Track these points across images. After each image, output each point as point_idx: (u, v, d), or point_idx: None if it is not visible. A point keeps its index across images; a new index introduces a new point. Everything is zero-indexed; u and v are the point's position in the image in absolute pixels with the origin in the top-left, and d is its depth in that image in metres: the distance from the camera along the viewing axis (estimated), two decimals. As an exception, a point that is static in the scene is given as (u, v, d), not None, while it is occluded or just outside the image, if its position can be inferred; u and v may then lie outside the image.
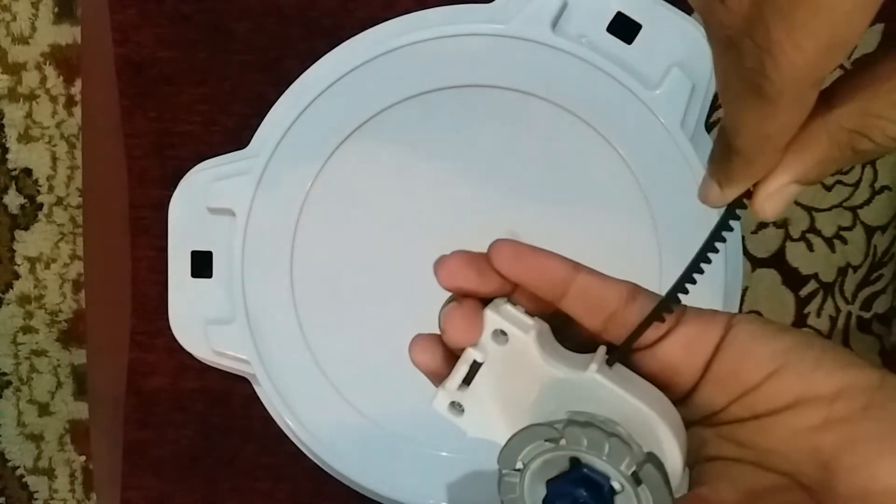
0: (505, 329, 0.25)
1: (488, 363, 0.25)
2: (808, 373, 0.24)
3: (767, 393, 0.24)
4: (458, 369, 0.25)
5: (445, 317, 0.25)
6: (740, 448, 0.25)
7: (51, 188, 0.58)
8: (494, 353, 0.25)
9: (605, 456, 0.23)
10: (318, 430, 0.45)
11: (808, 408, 0.24)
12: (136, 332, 0.49)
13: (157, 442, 0.49)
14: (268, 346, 0.45)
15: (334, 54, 0.46)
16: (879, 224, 0.51)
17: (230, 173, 0.46)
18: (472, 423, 0.26)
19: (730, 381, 0.25)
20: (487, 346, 0.25)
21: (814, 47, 0.18)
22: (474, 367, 0.25)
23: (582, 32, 0.44)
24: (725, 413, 0.25)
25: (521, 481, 0.25)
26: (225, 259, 0.46)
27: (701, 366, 0.25)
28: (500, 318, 0.25)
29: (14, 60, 0.57)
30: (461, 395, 0.26)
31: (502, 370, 0.25)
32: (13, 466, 0.61)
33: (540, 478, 0.25)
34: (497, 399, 0.25)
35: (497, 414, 0.26)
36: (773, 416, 0.24)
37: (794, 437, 0.24)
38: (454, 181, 0.45)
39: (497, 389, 0.25)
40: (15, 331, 0.59)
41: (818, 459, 0.24)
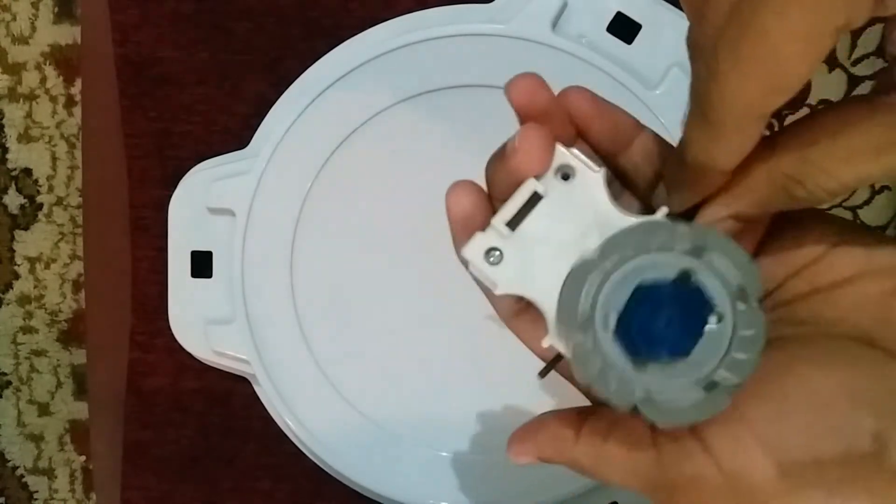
0: (574, 166, 0.23)
1: (549, 199, 0.23)
2: (871, 248, 0.24)
3: (829, 265, 0.24)
4: (516, 198, 0.23)
5: (519, 139, 0.23)
6: (802, 325, 0.24)
7: (51, 188, 0.58)
8: (557, 190, 0.23)
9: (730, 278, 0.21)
10: (318, 430, 0.45)
11: (872, 279, 0.23)
12: (136, 332, 0.49)
13: (157, 442, 0.49)
14: (268, 346, 0.45)
15: (334, 54, 0.46)
16: (879, 224, 0.51)
17: (230, 173, 0.46)
18: (509, 273, 0.23)
19: (791, 252, 0.24)
20: (550, 181, 0.23)
21: (754, 86, 0.19)
22: (530, 203, 0.23)
23: (582, 32, 0.44)
24: (783, 290, 0.25)
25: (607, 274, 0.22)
26: (225, 259, 0.46)
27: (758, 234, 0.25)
28: (569, 155, 0.23)
29: (14, 60, 0.57)
30: (504, 238, 0.23)
31: (561, 211, 0.23)
32: (13, 466, 0.61)
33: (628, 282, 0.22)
34: (547, 244, 0.23)
35: (542, 263, 0.23)
36: (836, 289, 0.24)
37: (862, 304, 0.23)
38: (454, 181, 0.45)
39: (550, 232, 0.23)
40: (15, 331, 0.59)
41: (890, 322, 0.23)
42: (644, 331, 0.21)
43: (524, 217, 0.23)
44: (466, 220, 0.24)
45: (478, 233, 0.23)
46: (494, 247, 0.23)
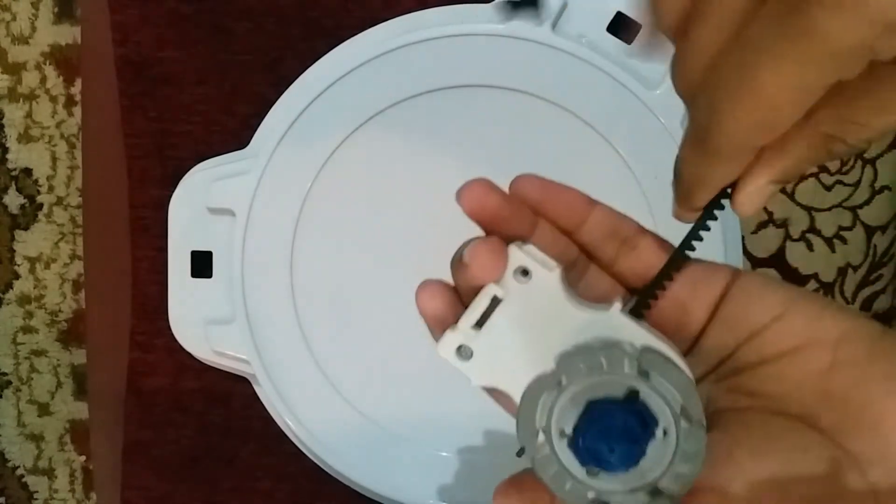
0: (529, 266, 0.24)
1: (508, 301, 0.24)
2: (814, 318, 0.25)
3: (775, 335, 0.25)
4: (477, 304, 0.25)
5: (471, 251, 0.25)
6: (750, 398, 0.25)
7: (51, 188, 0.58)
8: (516, 291, 0.24)
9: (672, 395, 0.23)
10: (318, 430, 0.45)
11: (815, 351, 0.24)
12: (136, 332, 0.49)
13: (157, 442, 0.49)
14: (268, 346, 0.45)
15: (334, 54, 0.46)
16: (879, 224, 0.51)
17: (230, 173, 0.46)
18: (480, 369, 0.25)
19: (738, 323, 0.26)
20: (509, 283, 0.24)
21: (749, 126, 0.21)
22: (492, 305, 0.24)
23: (582, 32, 0.44)
24: (734, 360, 0.26)
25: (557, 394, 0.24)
26: (225, 259, 0.46)
27: (709, 305, 0.26)
28: (524, 255, 0.24)
29: (14, 60, 0.57)
30: (472, 337, 0.25)
31: (521, 310, 0.24)
32: (13, 466, 0.61)
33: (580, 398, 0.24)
34: (511, 341, 0.24)
35: (509, 358, 0.25)
36: (781, 361, 0.25)
37: (804, 380, 0.25)
38: (454, 181, 0.45)
39: (513, 330, 0.24)
40: (15, 331, 0.59)
41: (829, 401, 0.24)
42: (594, 446, 0.23)
43: (488, 316, 0.25)
44: (437, 319, 0.26)
45: (448, 332, 0.25)
46: (464, 344, 0.25)
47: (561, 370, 0.23)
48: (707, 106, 0.21)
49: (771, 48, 0.19)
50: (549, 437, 0.24)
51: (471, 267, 0.25)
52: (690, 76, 0.22)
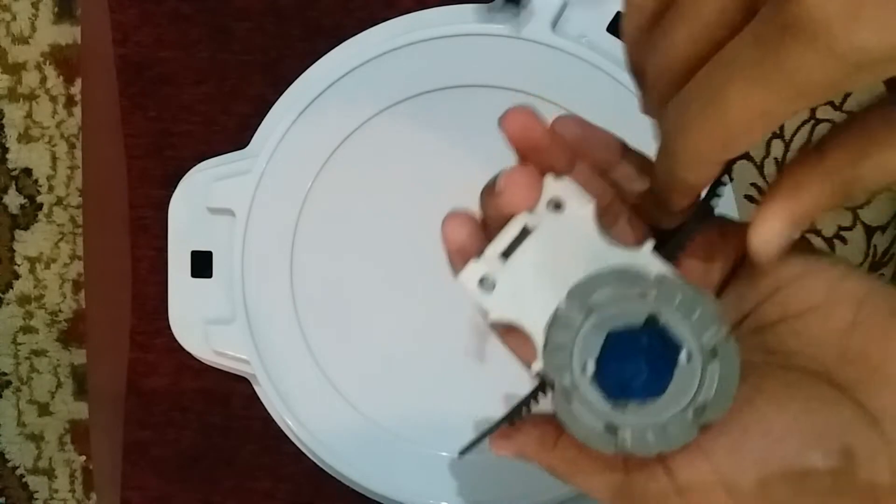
0: (563, 198, 0.24)
1: (538, 232, 0.24)
2: (838, 277, 0.25)
3: (798, 293, 0.25)
4: (507, 231, 0.24)
5: (506, 177, 0.24)
6: (769, 354, 0.26)
7: (51, 188, 0.58)
8: (547, 223, 0.24)
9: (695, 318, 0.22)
10: (318, 430, 0.45)
11: (837, 309, 0.24)
12: (136, 332, 0.49)
13: (157, 442, 0.49)
14: (268, 346, 0.45)
15: (334, 54, 0.46)
16: (879, 224, 0.51)
17: (230, 173, 0.46)
18: (500, 301, 0.24)
19: (762, 278, 0.25)
20: (541, 214, 0.24)
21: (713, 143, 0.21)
22: (521, 235, 0.24)
23: (582, 32, 0.44)
24: (754, 317, 0.26)
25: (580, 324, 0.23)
26: (225, 259, 0.46)
27: (733, 259, 0.26)
28: (559, 186, 0.24)
29: (14, 60, 0.57)
30: (497, 268, 0.24)
31: (551, 243, 0.24)
32: (13, 466, 0.61)
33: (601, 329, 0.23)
34: (537, 274, 0.24)
35: (532, 292, 0.24)
36: (802, 318, 0.25)
37: (824, 337, 0.25)
38: (454, 181, 0.45)
39: (540, 263, 0.24)
40: (15, 331, 0.59)
41: (849, 358, 0.24)
42: (618, 378, 0.23)
43: (516, 248, 0.24)
44: (462, 249, 0.25)
45: (472, 261, 0.24)
46: (487, 275, 0.24)
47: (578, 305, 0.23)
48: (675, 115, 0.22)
49: (742, 71, 0.19)
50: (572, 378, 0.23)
51: (504, 193, 0.24)
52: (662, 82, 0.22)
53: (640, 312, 0.23)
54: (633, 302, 0.23)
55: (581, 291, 0.23)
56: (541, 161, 0.25)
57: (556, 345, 0.23)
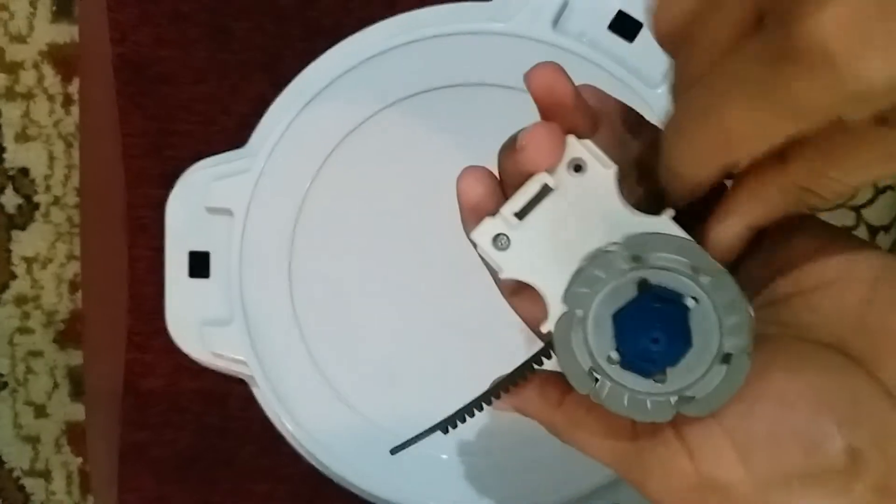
0: (585, 160, 0.24)
1: (558, 193, 0.24)
2: (855, 254, 0.25)
3: (814, 267, 0.25)
4: (526, 190, 0.24)
5: (529, 133, 0.24)
6: (783, 327, 0.25)
7: (48, 188, 0.57)
8: (567, 184, 0.23)
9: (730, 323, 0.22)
10: (317, 432, 0.45)
11: (854, 283, 0.25)
12: (133, 333, 0.49)
13: (155, 443, 0.49)
14: (265, 347, 0.45)
15: (333, 53, 0.45)
16: (882, 224, 0.51)
17: (228, 173, 0.45)
18: (514, 260, 0.24)
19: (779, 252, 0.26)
20: (562, 175, 0.24)
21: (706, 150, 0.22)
22: (540, 195, 0.24)
23: (583, 30, 0.44)
24: (770, 290, 0.26)
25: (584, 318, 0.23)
26: (223, 259, 0.46)
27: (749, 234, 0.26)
28: (582, 148, 0.24)
29: (11, 59, 0.56)
30: (513, 226, 0.24)
31: (570, 204, 0.23)
32: (9, 468, 0.61)
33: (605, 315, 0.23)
34: (553, 236, 0.24)
35: (547, 254, 0.24)
36: (817, 292, 0.25)
37: (840, 310, 0.25)
38: (453, 180, 0.45)
39: (557, 225, 0.24)
40: (11, 332, 0.59)
41: (864, 331, 0.24)
42: (643, 355, 0.22)
43: (533, 207, 0.24)
44: (477, 206, 0.25)
45: (487, 218, 0.24)
46: (502, 233, 0.24)
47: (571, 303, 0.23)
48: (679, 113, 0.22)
49: (742, 87, 0.20)
50: (604, 372, 0.23)
51: (526, 149, 0.24)
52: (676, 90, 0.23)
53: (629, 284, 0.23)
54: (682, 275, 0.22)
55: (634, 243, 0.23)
56: (564, 121, 0.25)
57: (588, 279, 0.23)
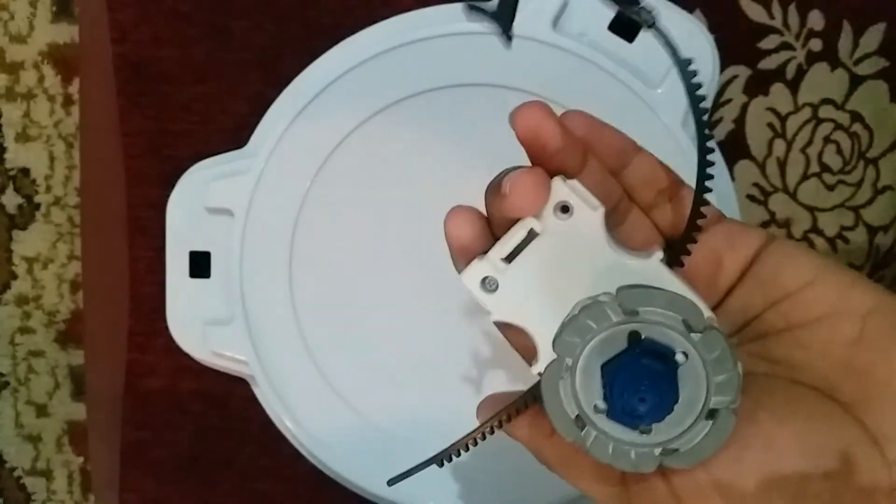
0: (571, 202, 0.23)
1: (545, 237, 0.23)
2: (845, 288, 0.24)
3: (804, 302, 0.25)
4: (512, 236, 0.24)
5: (514, 179, 0.23)
6: (773, 365, 0.25)
7: (48, 188, 0.57)
8: (554, 228, 0.23)
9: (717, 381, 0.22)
10: (317, 432, 0.45)
11: (843, 320, 0.24)
12: (133, 333, 0.49)
13: (156, 443, 0.49)
14: (266, 347, 0.45)
15: (333, 53, 0.45)
16: (881, 224, 0.51)
17: (228, 173, 0.45)
18: (503, 303, 0.24)
19: (769, 284, 0.25)
20: (548, 218, 0.23)
21: None
22: (527, 238, 0.23)
23: (583, 31, 0.44)
24: (759, 323, 0.25)
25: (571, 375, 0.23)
26: (223, 259, 0.46)
27: (742, 263, 0.26)
28: (568, 190, 0.23)
29: (12, 59, 0.56)
30: (500, 270, 0.24)
31: (557, 248, 0.23)
32: (11, 468, 0.61)
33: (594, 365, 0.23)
34: (541, 280, 0.24)
35: (536, 296, 0.24)
36: (807, 328, 0.25)
37: (829, 350, 0.24)
38: (454, 180, 0.45)
39: (544, 269, 0.24)
40: (12, 331, 0.59)
41: (852, 373, 0.24)
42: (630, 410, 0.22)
43: (521, 250, 0.24)
44: (465, 247, 0.25)
45: (475, 260, 0.24)
46: (491, 276, 0.24)
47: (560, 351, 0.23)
48: None
49: None
50: (590, 420, 0.23)
51: (510, 196, 0.23)
52: None
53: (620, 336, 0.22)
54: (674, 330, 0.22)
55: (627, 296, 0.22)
56: (551, 162, 0.24)
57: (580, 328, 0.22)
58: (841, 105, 0.50)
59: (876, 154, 0.50)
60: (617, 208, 0.26)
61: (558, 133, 0.24)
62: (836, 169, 0.50)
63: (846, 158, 0.50)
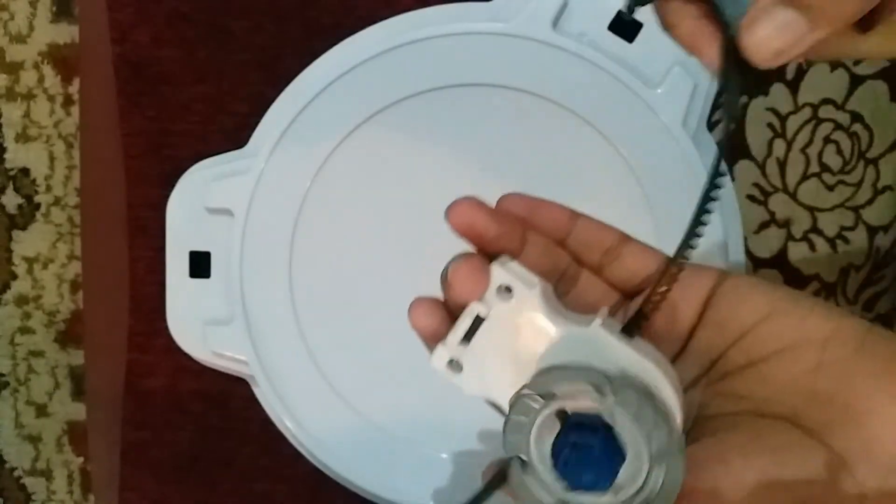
0: (510, 284, 0.25)
1: (491, 318, 0.25)
2: (802, 318, 0.25)
3: (762, 336, 0.25)
4: (461, 323, 0.26)
5: (452, 271, 0.26)
6: (739, 401, 0.26)
7: (48, 188, 0.57)
8: (498, 309, 0.25)
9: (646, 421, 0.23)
10: (317, 432, 0.45)
11: (802, 351, 0.25)
12: (134, 333, 0.49)
13: (156, 443, 0.49)
14: (266, 346, 0.45)
15: (333, 53, 0.45)
16: (881, 224, 0.51)
17: (228, 173, 0.45)
18: (470, 381, 0.26)
19: (726, 324, 0.26)
20: (491, 301, 0.25)
21: None
22: (476, 322, 0.25)
23: (583, 31, 0.44)
24: (723, 362, 0.26)
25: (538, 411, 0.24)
26: (223, 259, 0.46)
27: (697, 306, 0.27)
28: (505, 273, 0.25)
29: (12, 59, 0.56)
30: (461, 352, 0.26)
31: (504, 326, 0.25)
32: (11, 468, 0.61)
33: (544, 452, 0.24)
34: (497, 356, 0.25)
35: (496, 372, 0.26)
36: (768, 362, 0.25)
37: (791, 381, 0.25)
38: (453, 180, 0.45)
39: (498, 346, 0.25)
40: (13, 331, 0.59)
41: (815, 400, 0.24)
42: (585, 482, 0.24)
43: (475, 332, 0.26)
44: (430, 334, 0.27)
45: (438, 346, 0.26)
46: (454, 358, 0.26)
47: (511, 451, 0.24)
48: None
49: None
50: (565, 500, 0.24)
51: (453, 287, 0.26)
52: None
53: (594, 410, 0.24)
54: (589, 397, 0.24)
55: (541, 382, 0.24)
56: (491, 247, 0.26)
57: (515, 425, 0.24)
58: (841, 105, 0.50)
59: (876, 154, 0.50)
60: (565, 274, 0.28)
61: (491, 222, 0.26)
62: (836, 169, 0.50)
63: (846, 158, 0.50)
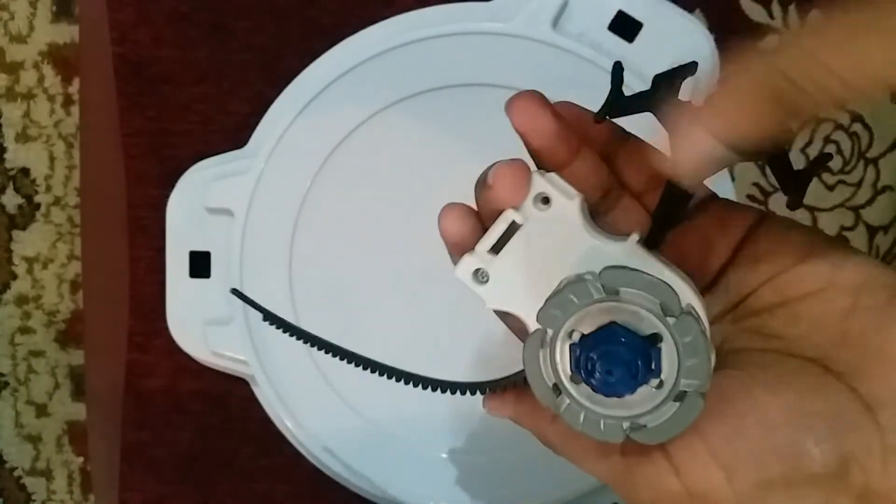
0: (550, 194, 0.25)
1: (526, 227, 0.25)
2: (838, 262, 0.25)
3: (797, 277, 0.25)
4: (495, 229, 0.25)
5: (495, 173, 0.25)
6: (768, 339, 0.26)
7: (48, 188, 0.57)
8: (535, 218, 0.25)
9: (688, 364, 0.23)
10: (317, 432, 0.45)
11: (837, 294, 0.25)
12: (134, 333, 0.49)
13: (156, 443, 0.49)
14: (266, 346, 0.45)
15: (333, 53, 0.45)
16: (881, 224, 0.51)
17: (228, 173, 0.45)
18: (494, 292, 0.25)
19: (762, 263, 0.26)
20: (529, 210, 0.25)
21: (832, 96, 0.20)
22: (510, 230, 0.25)
23: (583, 31, 0.44)
24: (753, 300, 0.26)
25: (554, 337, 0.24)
26: (223, 259, 0.46)
27: (733, 243, 0.26)
28: (545, 182, 0.25)
29: (12, 59, 0.56)
30: (488, 261, 0.25)
31: (538, 237, 0.25)
32: (11, 467, 0.61)
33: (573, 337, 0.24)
34: (526, 268, 0.25)
35: (523, 284, 0.25)
36: (801, 302, 0.25)
37: (823, 322, 0.25)
38: (453, 181, 0.45)
39: (528, 257, 0.25)
40: (13, 331, 0.59)
41: (846, 344, 0.24)
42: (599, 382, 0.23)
43: (506, 242, 0.25)
44: (459, 243, 0.26)
45: (465, 255, 0.25)
46: (481, 268, 0.25)
47: (543, 322, 0.24)
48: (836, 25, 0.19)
49: None
50: (565, 388, 0.24)
51: (493, 188, 0.25)
52: None
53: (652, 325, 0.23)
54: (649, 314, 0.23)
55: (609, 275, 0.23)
56: (547, 149, 0.25)
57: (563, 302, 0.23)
58: (841, 105, 0.49)
59: (876, 154, 0.50)
60: (608, 195, 0.27)
61: (553, 123, 0.25)
62: (836, 169, 0.50)
63: (846, 158, 0.50)
